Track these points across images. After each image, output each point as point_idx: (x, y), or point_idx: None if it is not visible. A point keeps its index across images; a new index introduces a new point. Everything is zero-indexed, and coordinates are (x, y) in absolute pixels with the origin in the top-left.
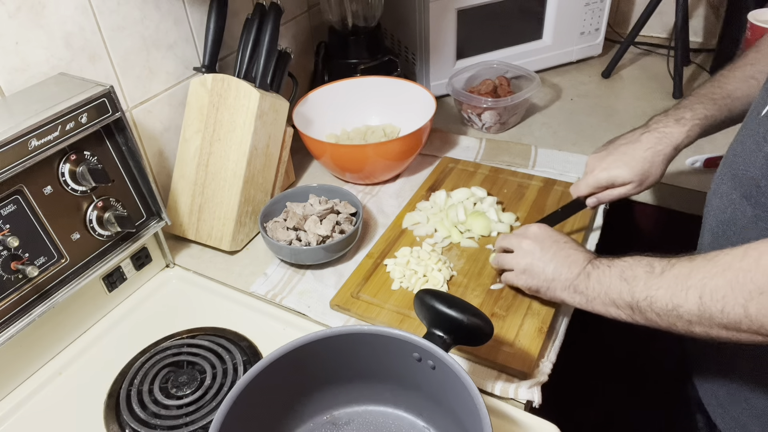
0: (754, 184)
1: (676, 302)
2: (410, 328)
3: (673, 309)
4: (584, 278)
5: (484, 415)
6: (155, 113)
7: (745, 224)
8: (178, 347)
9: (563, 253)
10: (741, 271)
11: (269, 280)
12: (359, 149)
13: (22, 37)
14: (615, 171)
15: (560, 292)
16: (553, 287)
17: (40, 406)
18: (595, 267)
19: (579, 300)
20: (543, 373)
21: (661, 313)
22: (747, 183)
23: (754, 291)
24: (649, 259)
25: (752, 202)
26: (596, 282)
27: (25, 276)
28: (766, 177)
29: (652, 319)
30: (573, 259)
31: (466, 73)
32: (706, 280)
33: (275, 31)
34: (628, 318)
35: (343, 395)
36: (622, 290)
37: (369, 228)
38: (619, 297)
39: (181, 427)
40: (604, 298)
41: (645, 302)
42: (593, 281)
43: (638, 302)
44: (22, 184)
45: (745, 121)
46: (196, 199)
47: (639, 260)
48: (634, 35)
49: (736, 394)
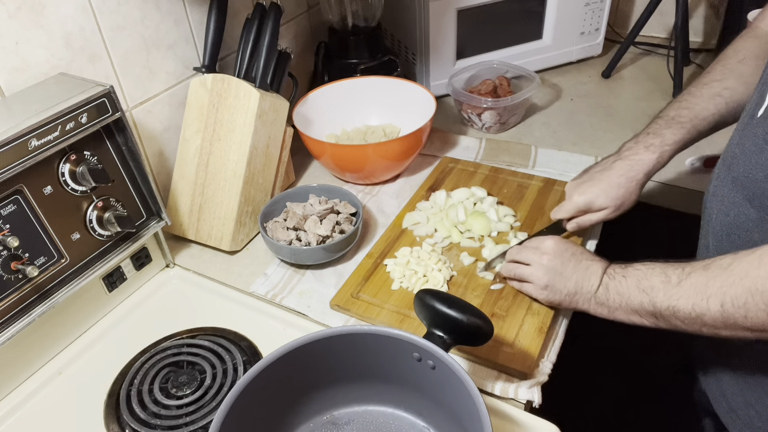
0: (758, 187)
1: (698, 311)
2: (410, 328)
3: (696, 317)
4: (604, 290)
5: (484, 415)
6: (155, 113)
7: (750, 227)
8: (178, 347)
9: (582, 265)
10: (759, 278)
11: (269, 280)
12: (359, 149)
13: (22, 37)
14: (591, 196)
15: (582, 305)
16: (575, 300)
17: (40, 406)
18: (612, 278)
19: (602, 311)
20: (543, 373)
21: (685, 320)
22: (750, 186)
23: None
24: (662, 266)
25: (756, 205)
26: (615, 293)
27: (25, 276)
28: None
29: (677, 326)
30: (592, 270)
31: (466, 73)
32: (725, 288)
33: (275, 31)
34: (653, 325)
35: (343, 395)
36: (643, 301)
37: (369, 228)
38: (640, 307)
39: (181, 427)
40: (626, 308)
41: (668, 311)
42: (612, 293)
43: (661, 312)
44: (22, 184)
45: (740, 122)
46: (196, 199)
47: (652, 269)
48: (634, 35)
49: (748, 398)
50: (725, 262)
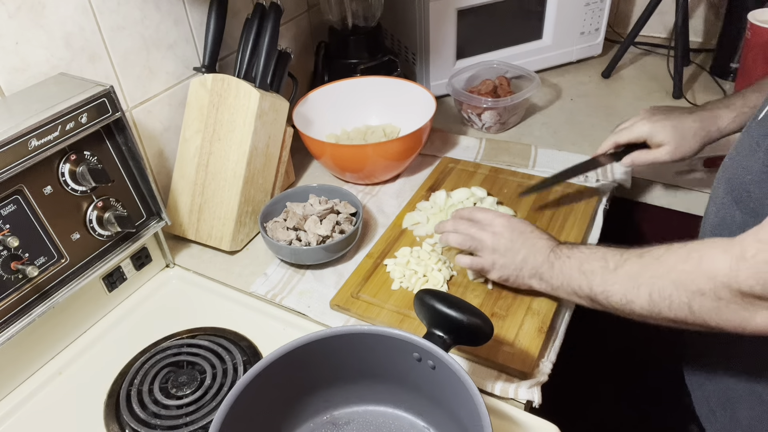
0: (744, 189)
1: (629, 298)
2: (410, 328)
3: (627, 304)
4: (548, 267)
5: (484, 415)
6: (155, 113)
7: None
8: (178, 347)
9: (529, 242)
10: (684, 272)
11: (269, 280)
12: (359, 149)
13: (22, 37)
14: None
15: (528, 280)
16: (521, 275)
17: (40, 406)
18: (558, 257)
19: (545, 287)
20: (543, 373)
21: (617, 306)
22: (738, 188)
23: (696, 292)
24: (604, 251)
25: (741, 207)
26: (559, 272)
27: (25, 276)
28: (756, 183)
29: (610, 310)
30: (538, 247)
31: (466, 73)
32: (654, 279)
33: (275, 31)
34: (590, 306)
35: (343, 395)
36: (582, 283)
37: (369, 228)
38: (579, 288)
39: (181, 427)
40: (566, 287)
41: (602, 296)
42: (556, 271)
43: (596, 295)
44: (22, 184)
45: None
46: (196, 199)
47: (595, 252)
48: (634, 35)
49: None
50: (658, 253)
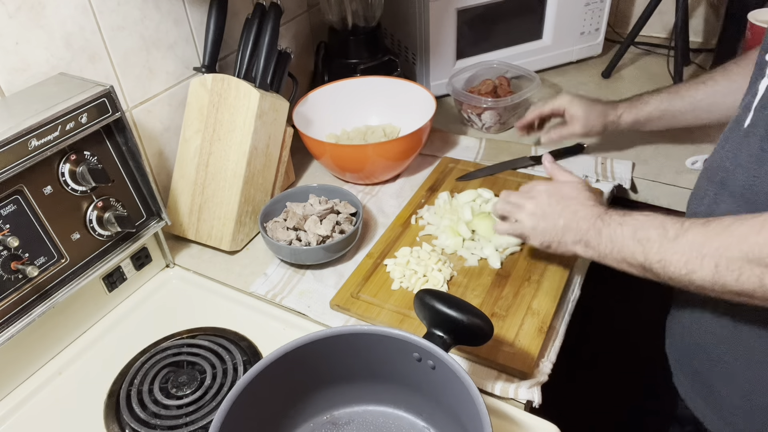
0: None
1: (690, 268)
2: (410, 328)
3: (687, 274)
4: (595, 234)
5: (484, 415)
6: (155, 113)
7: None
8: (178, 347)
9: (570, 209)
10: (757, 245)
11: (269, 280)
12: (359, 149)
13: (22, 37)
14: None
15: (572, 246)
16: (564, 241)
17: (40, 406)
18: (606, 224)
19: (591, 254)
20: (543, 373)
21: (674, 276)
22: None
23: None
24: (662, 219)
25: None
26: (608, 239)
27: (25, 276)
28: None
29: (664, 280)
30: (582, 213)
31: (466, 73)
32: (722, 250)
33: (275, 31)
34: (640, 275)
35: (343, 395)
36: (636, 251)
37: (369, 228)
38: (632, 257)
39: (181, 427)
40: (616, 255)
41: (659, 265)
42: (604, 238)
43: (651, 264)
44: (22, 184)
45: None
46: (196, 199)
47: (652, 220)
48: (634, 35)
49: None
50: (726, 222)
